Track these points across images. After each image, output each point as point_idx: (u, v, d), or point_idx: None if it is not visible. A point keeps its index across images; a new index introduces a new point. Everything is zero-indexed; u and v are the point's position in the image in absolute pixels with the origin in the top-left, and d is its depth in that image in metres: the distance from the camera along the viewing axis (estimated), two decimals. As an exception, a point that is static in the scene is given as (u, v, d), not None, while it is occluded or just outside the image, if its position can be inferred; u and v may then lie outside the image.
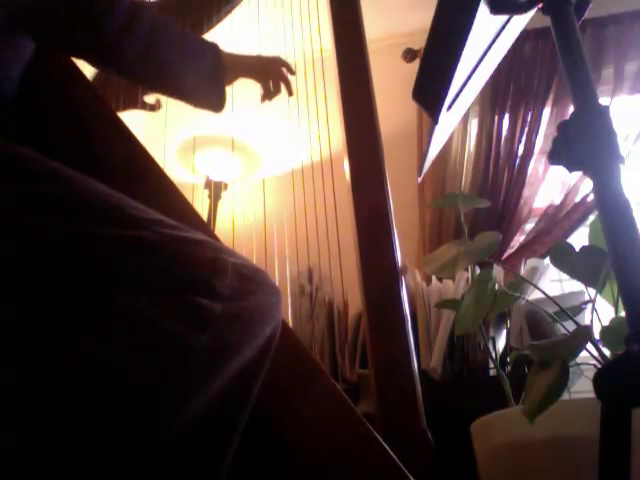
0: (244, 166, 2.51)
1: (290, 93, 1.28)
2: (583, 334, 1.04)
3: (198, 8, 1.41)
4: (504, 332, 1.60)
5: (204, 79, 1.09)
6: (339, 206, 1.43)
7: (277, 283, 0.82)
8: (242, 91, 1.67)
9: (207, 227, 1.09)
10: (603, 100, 2.17)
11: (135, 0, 1.00)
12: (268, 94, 1.25)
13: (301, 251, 1.65)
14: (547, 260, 1.52)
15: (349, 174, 1.27)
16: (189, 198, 1.10)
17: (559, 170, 2.29)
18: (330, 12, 1.43)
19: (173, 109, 1.25)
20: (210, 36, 1.44)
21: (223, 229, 2.13)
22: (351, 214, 1.25)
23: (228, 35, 1.50)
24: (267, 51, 1.78)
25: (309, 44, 1.55)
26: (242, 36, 1.62)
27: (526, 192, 2.42)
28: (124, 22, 0.96)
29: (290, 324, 1.38)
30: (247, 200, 2.43)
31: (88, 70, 1.15)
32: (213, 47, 1.11)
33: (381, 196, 1.24)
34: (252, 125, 2.22)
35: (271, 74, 1.24)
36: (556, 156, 0.63)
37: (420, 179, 2.46)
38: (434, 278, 1.71)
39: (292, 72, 1.26)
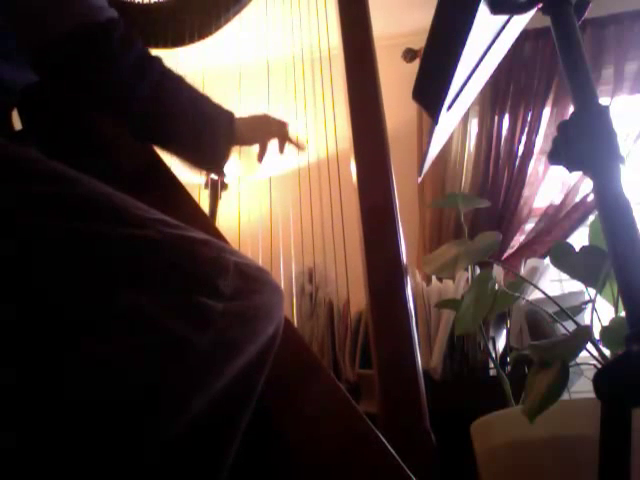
0: (246, 166, 2.51)
1: (300, 149, 1.25)
2: (583, 334, 1.04)
3: (206, 8, 1.41)
4: (504, 332, 1.60)
5: (212, 145, 1.06)
6: (343, 205, 1.43)
7: (281, 283, 0.83)
8: (248, 91, 1.67)
9: (213, 227, 1.09)
10: (603, 100, 2.17)
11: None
12: (262, 155, 1.23)
13: (304, 250, 1.65)
14: (547, 260, 1.52)
15: (355, 173, 1.27)
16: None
17: (559, 170, 2.29)
18: (338, 11, 1.43)
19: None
20: (218, 37, 1.44)
21: (225, 229, 2.13)
22: (355, 213, 1.25)
23: (236, 35, 1.50)
24: (274, 52, 1.78)
25: (317, 43, 1.55)
26: (250, 36, 1.62)
27: (526, 192, 2.42)
28: (137, 62, 0.92)
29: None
30: (250, 199, 2.43)
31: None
32: (228, 113, 1.08)
33: (387, 194, 1.23)
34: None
35: (273, 136, 1.22)
36: (556, 156, 0.63)
37: (420, 179, 2.46)
38: (434, 278, 1.71)
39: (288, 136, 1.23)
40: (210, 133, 1.05)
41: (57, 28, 0.86)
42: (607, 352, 1.08)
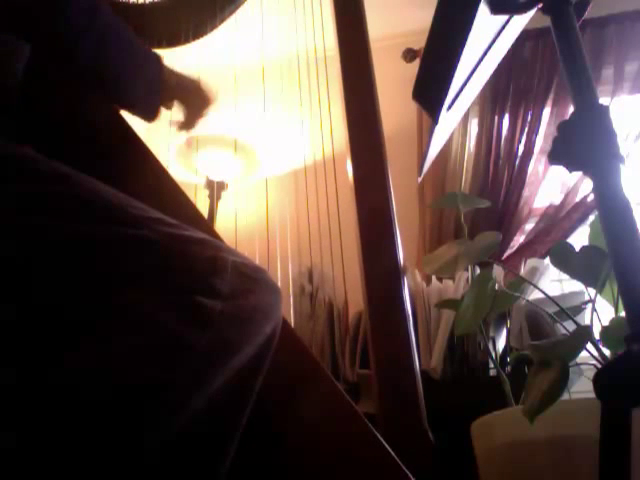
0: (244, 166, 2.51)
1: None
2: (583, 334, 1.04)
3: (202, 8, 1.41)
4: (504, 332, 1.60)
5: (145, 88, 1.06)
6: (341, 205, 1.43)
7: (278, 283, 0.82)
8: (244, 91, 1.67)
9: (210, 226, 1.09)
10: (603, 100, 2.17)
11: None
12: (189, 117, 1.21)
13: (302, 251, 1.65)
14: (547, 260, 1.52)
15: (352, 173, 1.27)
16: (189, 198, 1.10)
17: (559, 170, 2.29)
18: (334, 12, 1.43)
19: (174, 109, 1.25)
20: (213, 36, 1.44)
21: (224, 229, 2.13)
22: (352, 214, 1.25)
23: (231, 35, 1.50)
24: (270, 52, 1.78)
25: (312, 44, 1.55)
26: (246, 36, 1.63)
27: (526, 192, 2.42)
28: (86, 10, 0.92)
29: (291, 324, 1.38)
30: (248, 200, 2.43)
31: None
32: (158, 58, 1.09)
33: (384, 195, 1.23)
34: (253, 125, 2.22)
35: (201, 99, 1.21)
36: (556, 156, 0.63)
37: (420, 179, 2.46)
38: (434, 278, 1.71)
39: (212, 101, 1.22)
40: (145, 82, 1.05)
41: None
42: (607, 352, 1.08)
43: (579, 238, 2.25)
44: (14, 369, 0.61)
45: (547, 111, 2.54)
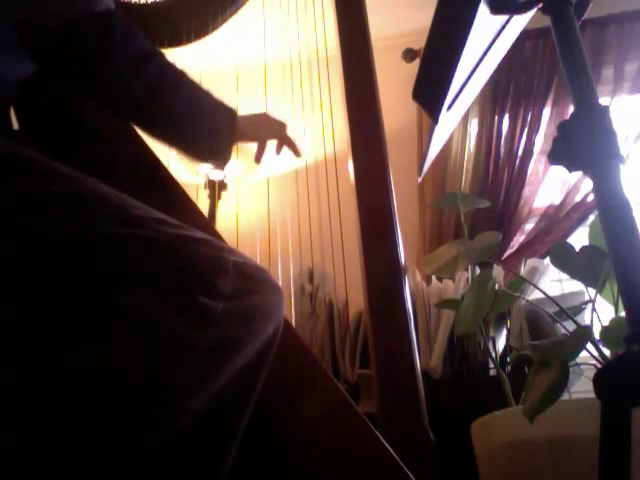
0: (244, 166, 2.51)
1: (297, 155, 1.23)
2: (583, 334, 1.04)
3: (203, 8, 1.41)
4: (504, 332, 1.60)
5: (213, 140, 1.05)
6: (341, 205, 1.44)
7: (279, 283, 0.82)
8: (246, 91, 1.67)
9: (211, 226, 1.09)
10: (603, 100, 2.17)
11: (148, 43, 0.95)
12: (261, 154, 1.21)
13: (303, 250, 1.66)
14: (547, 260, 1.52)
15: (353, 173, 1.28)
16: (189, 198, 1.10)
17: (559, 170, 2.29)
18: (335, 12, 1.43)
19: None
20: (214, 37, 1.44)
21: (224, 229, 2.14)
22: (353, 213, 1.25)
23: (233, 35, 1.50)
24: (271, 52, 1.79)
25: (314, 44, 1.55)
26: (247, 36, 1.63)
27: (526, 192, 2.42)
28: (138, 54, 0.92)
29: (292, 324, 1.38)
30: (248, 200, 2.43)
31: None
32: (230, 110, 1.08)
33: (385, 194, 1.24)
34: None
35: (274, 137, 1.21)
36: (556, 156, 0.63)
37: (420, 179, 2.47)
38: (434, 278, 1.71)
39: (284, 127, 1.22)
40: (209, 130, 1.04)
41: (56, 18, 0.85)
42: (607, 352, 1.08)
43: (579, 238, 2.25)
44: (14, 369, 0.61)
45: (547, 111, 2.55)
